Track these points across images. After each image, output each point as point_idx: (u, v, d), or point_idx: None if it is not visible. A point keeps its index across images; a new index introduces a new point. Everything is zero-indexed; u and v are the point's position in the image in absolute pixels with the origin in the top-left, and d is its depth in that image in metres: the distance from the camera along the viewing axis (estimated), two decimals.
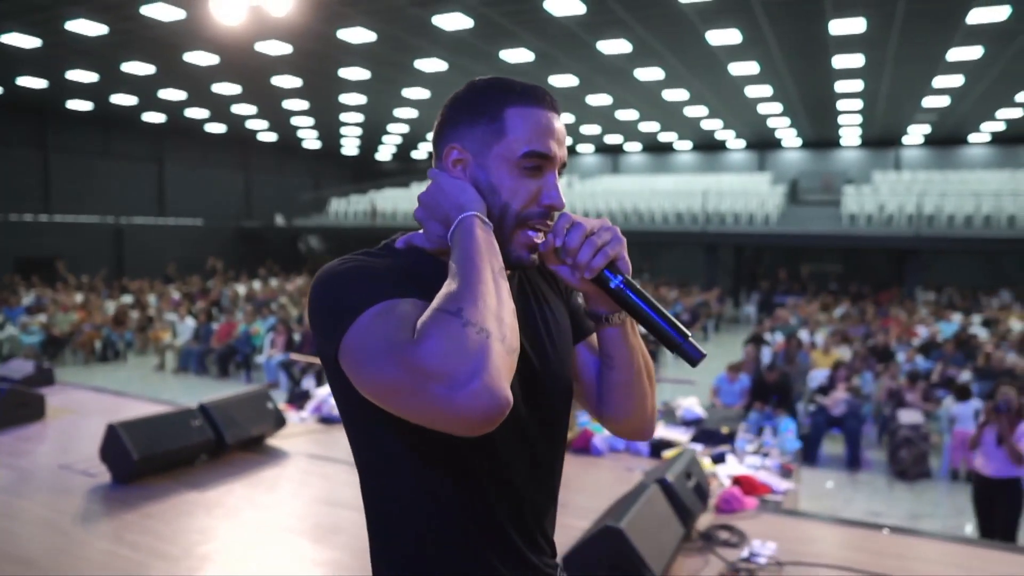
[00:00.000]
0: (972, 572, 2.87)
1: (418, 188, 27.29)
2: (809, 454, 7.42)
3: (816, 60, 13.84)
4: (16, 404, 4.60)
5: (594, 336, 1.20)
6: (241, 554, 2.95)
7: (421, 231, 1.09)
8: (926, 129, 21.49)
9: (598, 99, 17.98)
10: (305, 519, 3.36)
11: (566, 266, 1.04)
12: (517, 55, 13.75)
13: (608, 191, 23.43)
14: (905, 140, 23.67)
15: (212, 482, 3.74)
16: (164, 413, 3.96)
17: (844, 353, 9.59)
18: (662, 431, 4.64)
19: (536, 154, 1.02)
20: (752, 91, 16.69)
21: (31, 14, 11.38)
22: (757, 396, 7.68)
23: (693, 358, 0.98)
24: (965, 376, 9.25)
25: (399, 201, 24.71)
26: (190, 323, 11.99)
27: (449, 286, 0.89)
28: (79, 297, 14.85)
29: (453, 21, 11.67)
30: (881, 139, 23.67)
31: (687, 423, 4.80)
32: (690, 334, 0.98)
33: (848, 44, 12.66)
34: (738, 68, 14.52)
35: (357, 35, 12.50)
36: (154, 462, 3.71)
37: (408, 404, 0.85)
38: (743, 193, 21.20)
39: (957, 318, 13.32)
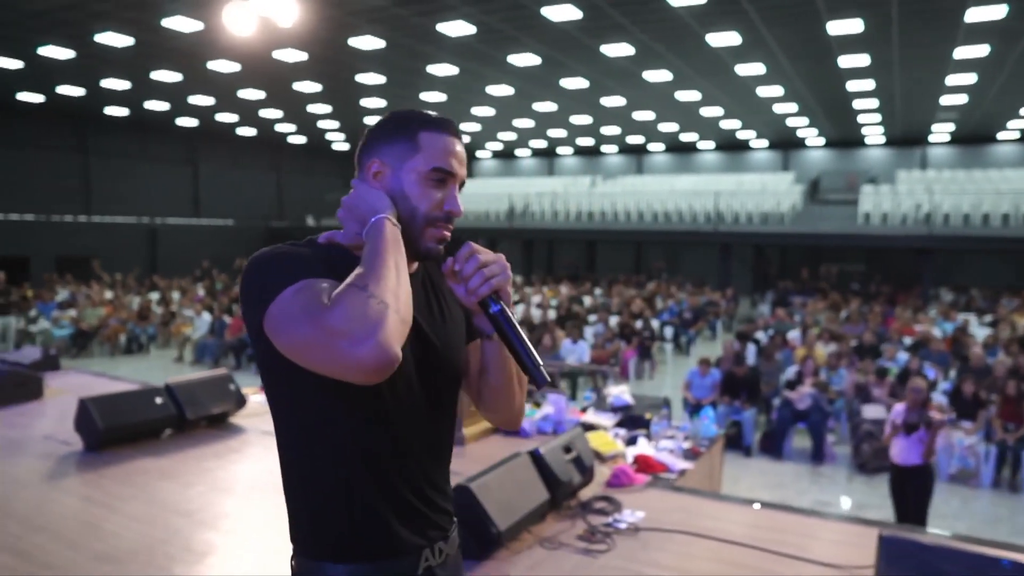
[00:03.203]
0: (807, 537, 3.20)
1: None
2: (775, 447, 7.68)
3: (821, 60, 13.92)
4: (15, 384, 5.18)
5: (479, 342, 1.41)
6: (174, 508, 3.43)
7: (342, 230, 1.30)
8: (951, 127, 21.24)
9: (612, 100, 18.26)
10: (240, 482, 3.83)
11: (461, 286, 1.22)
12: (524, 59, 14.14)
13: (629, 191, 23.66)
14: (931, 138, 23.40)
15: (169, 452, 4.24)
16: (131, 390, 4.48)
17: (831, 351, 9.74)
18: (591, 416, 5.01)
19: (441, 170, 1.25)
20: (764, 91, 16.80)
21: (63, 28, 12.19)
22: (726, 390, 7.96)
23: (539, 383, 1.19)
24: (952, 374, 9.39)
25: None
26: (207, 318, 12.69)
27: (360, 268, 1.10)
28: (109, 294, 15.74)
29: (456, 28, 12.13)
30: (906, 138, 23.45)
31: (615, 409, 5.15)
32: (542, 363, 1.19)
33: (850, 44, 12.75)
34: (744, 69, 14.68)
35: (367, 43, 13.03)
36: (120, 432, 4.22)
37: (319, 357, 1.03)
38: (760, 192, 21.24)
39: (963, 318, 13.28)
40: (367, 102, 18.76)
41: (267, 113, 20.67)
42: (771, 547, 3.08)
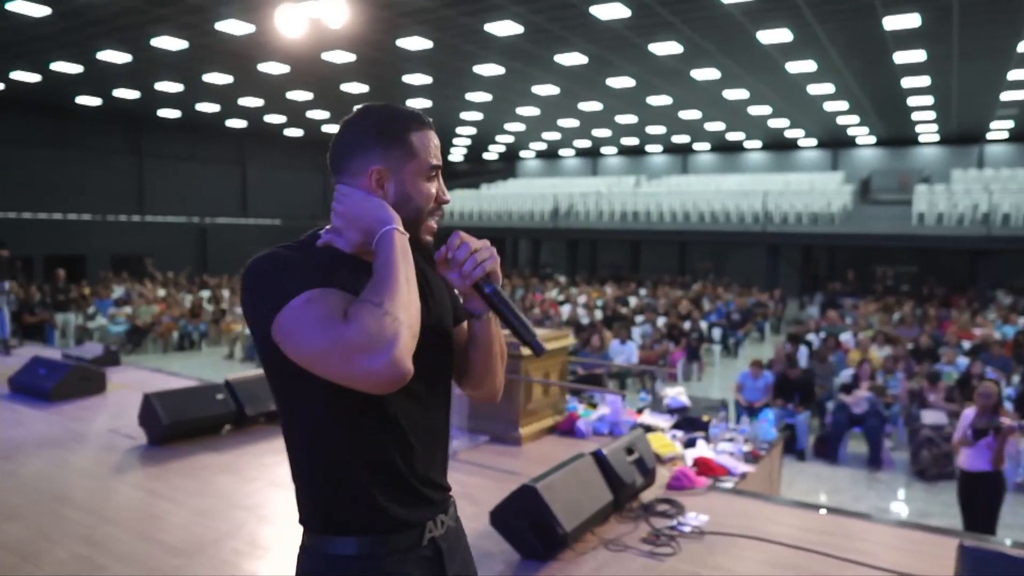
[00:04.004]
0: (874, 544, 3.10)
1: (488, 188, 27.96)
2: (829, 451, 7.49)
3: (876, 56, 13.56)
4: (80, 379, 5.32)
5: (463, 324, 1.48)
6: (236, 502, 3.48)
7: (337, 234, 1.30)
8: (1010, 124, 20.52)
9: (658, 99, 18.08)
10: None
11: (455, 272, 1.30)
12: (571, 58, 14.07)
13: (674, 191, 23.38)
14: (989, 136, 22.65)
15: (229, 447, 4.30)
16: (193, 386, 4.56)
17: (886, 354, 9.47)
18: (648, 418, 4.94)
19: (436, 167, 1.34)
20: (814, 89, 16.43)
21: (121, 33, 12.53)
22: (780, 393, 7.79)
23: (537, 351, 1.28)
24: (1015, 379, 9.05)
25: (468, 201, 25.36)
26: None
27: (375, 282, 1.15)
28: (161, 291, 16.12)
29: (504, 28, 12.12)
30: (962, 136, 22.73)
31: (672, 411, 5.07)
32: (537, 334, 1.29)
33: (907, 39, 12.38)
34: (795, 66, 14.38)
35: (415, 43, 13.11)
36: (182, 428, 4.30)
37: (333, 367, 1.09)
38: (809, 192, 20.80)
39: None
40: (412, 103, 18.86)
41: (314, 114, 20.96)
42: (839, 553, 2.99)
